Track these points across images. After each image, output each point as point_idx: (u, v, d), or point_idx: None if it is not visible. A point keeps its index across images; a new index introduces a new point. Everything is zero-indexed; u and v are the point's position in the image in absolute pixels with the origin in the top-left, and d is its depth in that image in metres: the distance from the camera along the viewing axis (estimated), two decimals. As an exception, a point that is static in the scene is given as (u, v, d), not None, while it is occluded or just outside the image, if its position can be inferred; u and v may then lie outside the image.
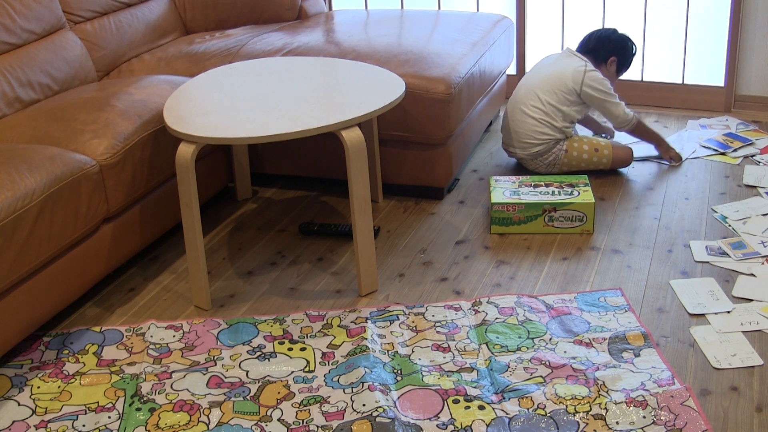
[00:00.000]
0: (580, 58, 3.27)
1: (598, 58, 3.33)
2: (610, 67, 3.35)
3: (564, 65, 3.26)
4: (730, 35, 3.81)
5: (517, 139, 3.28)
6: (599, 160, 3.27)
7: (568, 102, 3.21)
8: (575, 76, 3.20)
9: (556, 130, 3.22)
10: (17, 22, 2.96)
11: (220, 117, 2.51)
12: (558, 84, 3.21)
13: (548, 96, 3.20)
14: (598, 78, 3.21)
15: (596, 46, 3.34)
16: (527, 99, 3.24)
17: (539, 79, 3.26)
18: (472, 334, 2.35)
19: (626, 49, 3.37)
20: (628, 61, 3.40)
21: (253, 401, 2.12)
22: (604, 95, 3.21)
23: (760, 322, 2.34)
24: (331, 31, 3.58)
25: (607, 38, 3.35)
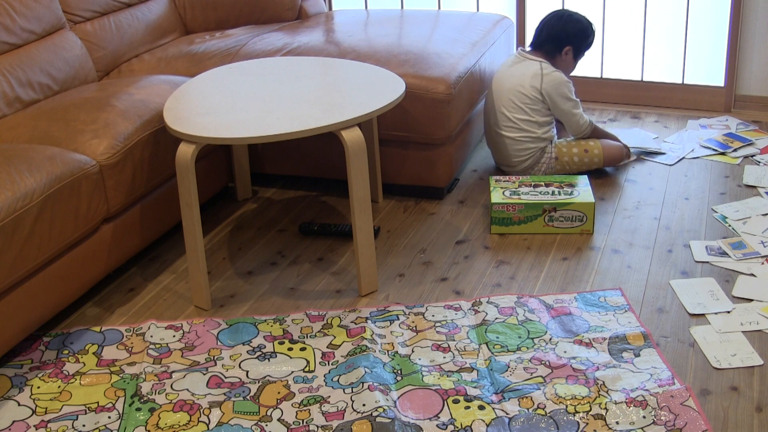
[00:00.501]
0: (533, 60, 3.20)
1: (552, 50, 3.23)
2: (566, 57, 3.25)
3: (520, 73, 3.19)
4: (730, 35, 3.81)
5: (504, 159, 3.28)
6: (591, 161, 3.26)
7: (535, 111, 3.17)
8: (533, 83, 3.15)
9: (537, 140, 3.20)
10: (17, 22, 2.96)
11: (220, 117, 2.51)
12: (519, 97, 3.16)
13: (516, 113, 3.17)
14: (556, 79, 3.15)
15: (548, 36, 3.23)
16: (499, 121, 3.21)
17: (503, 95, 3.20)
18: (472, 334, 2.35)
19: (581, 34, 3.24)
20: (585, 46, 3.29)
21: (253, 401, 2.12)
22: (563, 100, 3.17)
23: (760, 322, 2.34)
24: (331, 31, 3.58)
25: (559, 26, 3.21)
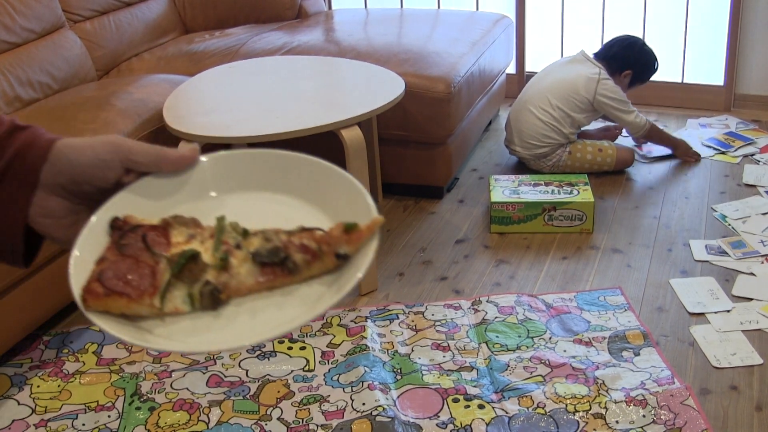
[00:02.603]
0: (594, 65, 3.25)
1: (614, 67, 3.29)
2: (623, 79, 3.32)
3: (577, 71, 3.24)
4: (730, 34, 3.81)
5: (520, 138, 3.28)
6: (603, 161, 3.27)
7: (578, 109, 3.20)
8: (588, 84, 3.19)
9: (562, 135, 3.21)
10: (17, 21, 2.96)
11: (219, 116, 2.51)
12: (570, 90, 3.20)
13: (559, 101, 3.19)
14: (612, 87, 3.20)
15: (616, 54, 3.30)
16: (537, 101, 3.23)
17: (551, 82, 3.25)
18: (472, 333, 2.35)
19: (645, 66, 3.34)
20: (644, 77, 3.38)
21: (252, 400, 2.12)
22: (618, 104, 3.21)
23: (759, 321, 2.34)
24: (330, 30, 3.58)
25: (631, 51, 3.31)
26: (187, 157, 0.79)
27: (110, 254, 0.73)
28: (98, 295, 0.70)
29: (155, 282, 0.71)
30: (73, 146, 0.74)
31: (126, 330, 0.70)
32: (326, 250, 0.74)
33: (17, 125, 0.75)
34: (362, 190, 0.77)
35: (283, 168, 0.83)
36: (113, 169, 0.75)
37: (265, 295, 0.74)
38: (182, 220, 0.77)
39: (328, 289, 0.74)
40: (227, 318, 0.72)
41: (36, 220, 0.75)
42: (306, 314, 0.71)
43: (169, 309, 0.72)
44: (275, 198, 0.82)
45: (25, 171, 0.73)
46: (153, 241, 0.74)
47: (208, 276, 0.72)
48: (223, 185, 0.83)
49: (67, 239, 0.76)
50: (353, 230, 0.74)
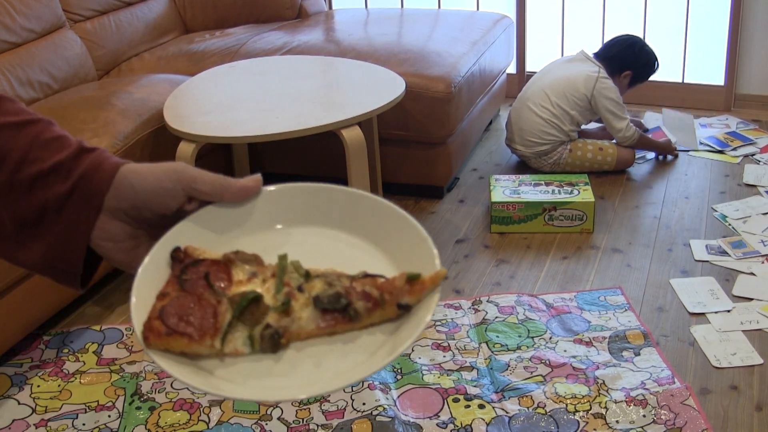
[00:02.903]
0: (594, 63, 3.25)
1: (614, 67, 3.29)
2: (623, 80, 3.32)
3: (577, 69, 3.25)
4: (730, 34, 3.80)
5: (521, 136, 3.28)
6: (603, 160, 3.27)
7: (577, 107, 3.20)
8: (587, 81, 3.19)
9: (563, 132, 3.22)
10: (17, 21, 2.96)
11: (220, 116, 2.51)
12: (569, 88, 3.20)
13: (558, 98, 3.20)
14: (610, 87, 3.20)
15: (616, 54, 3.30)
16: (537, 98, 3.24)
17: (551, 80, 3.26)
18: (472, 333, 2.35)
19: (645, 66, 3.34)
20: (644, 77, 3.38)
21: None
22: (614, 105, 3.20)
23: (760, 321, 2.33)
24: (331, 29, 3.58)
25: (630, 51, 3.31)
26: (250, 188, 0.79)
27: (171, 289, 0.73)
28: (160, 334, 0.70)
29: (217, 323, 0.72)
30: (137, 172, 0.75)
31: (187, 371, 0.70)
32: (388, 299, 0.73)
33: (84, 147, 0.76)
34: (427, 238, 0.77)
35: (350, 206, 0.82)
36: (175, 198, 0.76)
37: (326, 340, 0.74)
38: (244, 256, 0.76)
39: (389, 337, 0.73)
40: (289, 362, 0.72)
41: (97, 243, 0.76)
42: (369, 365, 0.70)
43: (229, 350, 0.72)
44: (339, 236, 0.81)
45: (90, 195, 0.74)
46: (215, 278, 0.74)
47: (269, 319, 0.72)
48: (287, 218, 0.82)
49: (126, 262, 0.77)
50: (416, 281, 0.74)
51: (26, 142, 0.74)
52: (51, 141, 0.76)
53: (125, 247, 0.77)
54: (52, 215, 0.74)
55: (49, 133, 0.76)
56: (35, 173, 0.74)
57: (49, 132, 0.76)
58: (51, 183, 0.74)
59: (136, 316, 0.72)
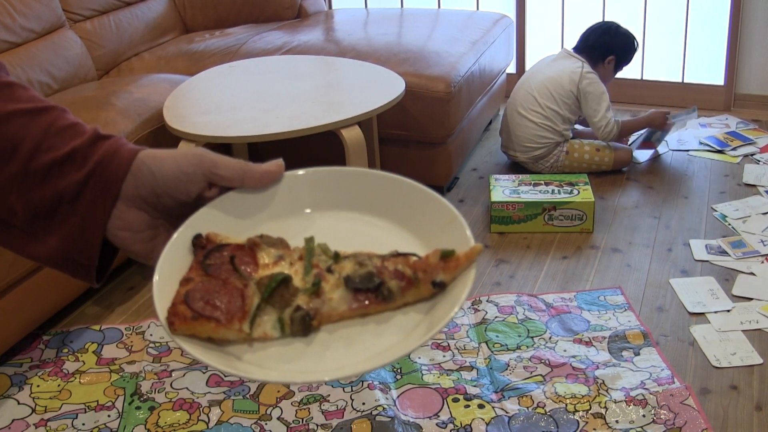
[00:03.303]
0: (577, 59, 3.25)
1: (596, 56, 3.29)
2: (607, 66, 3.32)
3: (561, 67, 3.24)
4: (730, 34, 3.81)
5: (517, 142, 3.28)
6: (601, 160, 3.27)
7: (566, 105, 3.20)
8: (572, 77, 3.19)
9: (556, 133, 3.22)
10: (17, 21, 2.96)
11: (219, 116, 2.51)
12: (555, 87, 3.20)
13: (546, 100, 3.20)
14: (595, 81, 3.19)
15: (594, 43, 3.30)
16: (526, 103, 3.23)
17: (537, 82, 3.25)
18: (472, 333, 2.35)
19: (626, 47, 3.33)
20: (627, 59, 3.37)
21: (252, 400, 2.12)
22: (594, 101, 3.18)
23: (759, 321, 2.33)
24: (330, 29, 3.58)
25: (607, 36, 3.30)
26: (272, 172, 0.77)
27: (195, 274, 0.70)
28: (185, 319, 0.67)
29: (244, 306, 0.69)
30: (155, 157, 0.73)
31: (214, 356, 0.67)
32: (422, 278, 0.71)
33: (100, 134, 0.74)
34: (458, 216, 0.74)
35: (375, 188, 0.79)
36: (196, 183, 0.73)
37: (358, 321, 0.71)
38: (269, 240, 0.74)
39: (425, 317, 0.70)
40: (321, 345, 0.69)
41: (114, 233, 0.73)
42: (404, 345, 0.67)
43: (258, 334, 0.69)
44: (366, 219, 0.78)
45: (107, 182, 0.71)
46: (240, 262, 0.72)
47: (299, 301, 0.70)
48: (311, 203, 0.79)
49: (145, 253, 0.75)
50: (451, 258, 0.71)
51: (40, 130, 0.72)
52: (66, 128, 0.73)
53: (144, 237, 0.74)
54: (67, 205, 0.72)
55: (63, 121, 0.74)
56: (50, 161, 0.71)
57: (63, 119, 0.74)
58: (66, 171, 0.71)
59: (159, 301, 0.69)
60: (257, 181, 0.76)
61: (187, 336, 0.68)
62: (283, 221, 0.77)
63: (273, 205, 0.78)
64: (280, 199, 0.78)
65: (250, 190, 0.77)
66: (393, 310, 0.71)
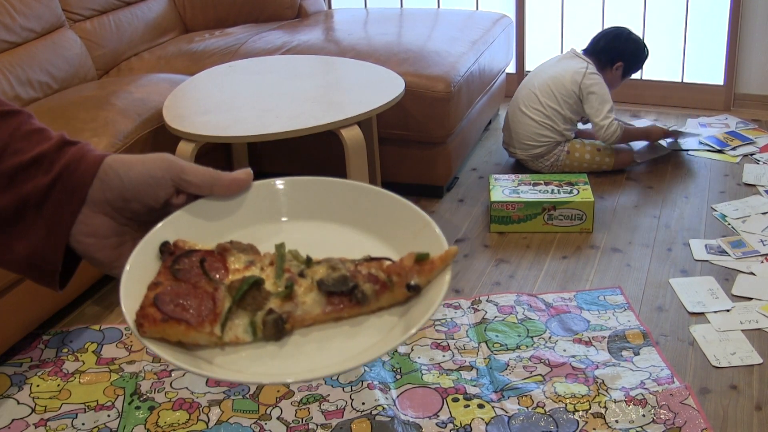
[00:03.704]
0: (582, 59, 3.25)
1: (604, 61, 3.28)
2: (615, 72, 3.30)
3: (565, 67, 3.24)
4: (730, 33, 3.81)
5: (517, 140, 3.28)
6: (602, 160, 3.27)
7: (567, 104, 3.20)
8: (574, 77, 3.18)
9: (557, 132, 3.22)
10: (17, 21, 2.96)
11: (219, 116, 2.51)
12: (557, 86, 3.20)
13: (547, 98, 3.20)
14: (598, 82, 3.18)
15: (604, 48, 3.29)
16: (528, 101, 3.24)
17: (541, 80, 3.25)
18: (472, 333, 2.35)
19: (635, 55, 3.32)
20: (635, 67, 3.36)
21: (252, 400, 2.12)
22: (596, 101, 3.17)
23: (759, 321, 2.33)
24: (330, 29, 3.58)
25: (617, 42, 3.29)
26: (241, 180, 0.76)
27: (164, 279, 0.69)
28: (155, 321, 0.66)
29: (216, 309, 0.67)
30: (123, 162, 0.72)
31: (184, 358, 0.66)
32: (396, 281, 0.70)
33: (66, 140, 0.73)
34: (430, 222, 0.74)
35: (345, 197, 0.78)
36: (164, 188, 0.72)
37: (332, 325, 0.70)
38: (239, 246, 0.73)
39: (399, 319, 0.69)
40: (294, 346, 0.68)
41: (79, 239, 0.72)
42: (380, 346, 0.66)
43: (230, 338, 0.67)
44: (336, 228, 0.78)
45: (73, 186, 0.70)
46: (211, 267, 0.70)
47: (271, 304, 0.69)
48: (281, 212, 0.78)
49: (109, 261, 0.73)
50: (425, 261, 0.70)
51: (5, 134, 0.71)
52: (32, 133, 0.72)
53: (109, 244, 0.73)
54: (32, 210, 0.70)
55: (29, 126, 0.73)
56: (15, 166, 0.70)
57: (29, 124, 0.73)
58: (32, 175, 0.70)
59: (126, 304, 0.67)
60: (226, 189, 0.75)
61: (157, 339, 0.66)
62: (253, 230, 0.76)
63: (242, 213, 0.77)
64: (249, 207, 0.77)
65: (219, 198, 0.76)
66: (367, 314, 0.70)
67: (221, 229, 0.75)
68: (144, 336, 0.66)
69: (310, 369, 0.66)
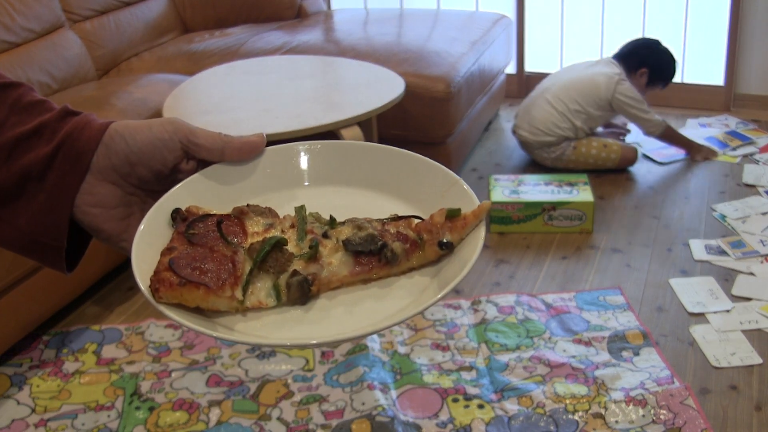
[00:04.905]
0: (615, 66, 3.28)
1: (630, 65, 3.32)
2: (639, 78, 3.33)
3: (598, 71, 3.27)
4: (730, 34, 3.81)
5: (531, 123, 3.28)
6: (608, 156, 3.27)
7: (596, 106, 3.23)
8: (608, 83, 3.21)
9: (573, 129, 3.23)
10: (16, 21, 2.96)
11: (219, 116, 2.51)
12: (591, 87, 3.22)
13: (578, 95, 3.22)
14: (629, 88, 3.22)
15: (631, 52, 3.34)
16: (556, 91, 3.26)
17: (573, 77, 3.29)
18: (472, 333, 2.35)
19: (660, 64, 3.35)
20: (660, 76, 3.38)
21: (252, 400, 2.12)
22: (635, 102, 3.22)
23: (759, 321, 2.33)
24: (330, 29, 3.58)
25: (646, 49, 3.34)
26: (253, 143, 0.71)
27: (179, 244, 0.64)
28: (172, 285, 0.61)
29: (236, 272, 0.63)
30: (129, 126, 0.68)
31: (204, 323, 0.61)
32: (427, 239, 0.65)
33: (69, 110, 0.70)
34: (458, 180, 0.70)
35: (371, 161, 0.73)
36: (172, 151, 0.69)
37: (360, 287, 0.65)
38: (257, 209, 0.68)
39: (432, 280, 0.65)
40: (320, 310, 0.63)
41: (84, 210, 0.68)
42: (412, 307, 0.62)
43: (252, 303, 0.63)
44: (359, 192, 0.73)
45: (77, 153, 0.66)
46: (228, 230, 0.65)
47: (295, 266, 0.64)
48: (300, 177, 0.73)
49: (117, 233, 0.69)
50: (457, 217, 0.66)
51: (6, 106, 0.68)
52: (33, 104, 0.69)
53: (116, 214, 0.69)
54: (34, 182, 0.67)
55: (30, 97, 0.70)
56: (16, 137, 0.67)
57: (30, 96, 0.70)
58: (33, 145, 0.67)
59: (138, 270, 0.63)
60: (237, 153, 0.71)
61: (173, 305, 0.62)
62: (269, 196, 0.72)
63: (258, 179, 0.72)
64: (265, 173, 0.72)
65: (231, 163, 0.71)
66: (397, 275, 0.66)
67: (236, 196, 0.71)
68: (160, 302, 0.61)
69: (339, 332, 0.62)
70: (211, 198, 0.70)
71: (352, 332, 0.60)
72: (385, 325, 0.60)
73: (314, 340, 0.60)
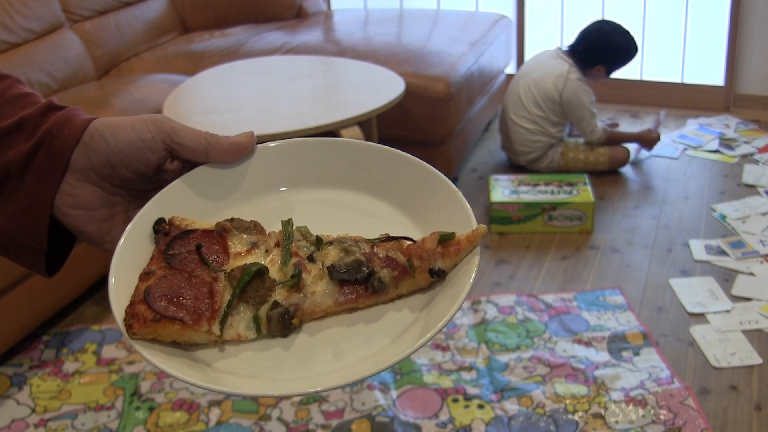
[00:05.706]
0: (565, 61, 3.22)
1: (584, 62, 3.25)
2: (597, 73, 3.28)
3: (546, 70, 3.21)
4: (730, 34, 3.81)
5: (512, 147, 3.31)
6: (596, 160, 3.27)
7: (551, 110, 3.20)
8: (556, 83, 3.17)
9: (548, 135, 3.23)
10: (16, 21, 2.96)
11: (219, 116, 2.51)
12: (540, 92, 3.19)
13: (533, 106, 3.20)
14: (577, 88, 3.16)
15: (585, 49, 3.24)
16: (516, 108, 3.25)
17: (524, 85, 3.24)
18: (472, 333, 2.35)
19: (616, 55, 3.26)
20: (619, 62, 3.31)
21: (252, 400, 2.12)
22: (579, 108, 3.17)
23: (759, 321, 2.33)
24: (330, 30, 3.58)
25: (597, 43, 3.22)
26: (241, 144, 0.67)
27: (157, 267, 0.62)
28: (146, 321, 0.58)
29: (214, 304, 0.59)
30: (110, 124, 0.65)
31: (181, 365, 0.58)
32: (418, 266, 0.62)
33: (54, 105, 0.67)
34: (457, 191, 0.65)
35: (362, 161, 0.69)
36: (155, 151, 0.65)
37: (344, 321, 0.62)
38: (241, 224, 0.65)
39: (420, 314, 0.61)
40: (301, 351, 0.60)
41: (65, 212, 0.64)
42: (398, 350, 0.58)
43: (231, 336, 0.60)
44: (351, 197, 0.69)
45: (55, 152, 0.63)
46: (208, 251, 0.62)
47: (277, 296, 0.61)
48: (288, 179, 0.69)
49: (99, 236, 0.66)
50: (451, 241, 0.62)
51: None
52: (17, 98, 0.66)
53: (98, 216, 0.66)
54: (15, 180, 0.64)
55: (15, 90, 0.67)
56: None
57: (15, 89, 0.67)
58: (14, 141, 0.64)
59: (115, 300, 0.59)
60: (224, 154, 0.67)
61: (149, 340, 0.59)
62: (257, 201, 0.68)
63: (245, 182, 0.68)
64: (252, 175, 0.69)
65: (218, 165, 0.67)
66: (385, 303, 0.63)
67: (222, 202, 0.67)
68: (134, 337, 0.58)
69: (318, 376, 0.59)
70: (196, 204, 0.67)
71: (329, 383, 0.57)
72: (364, 376, 0.57)
73: (289, 391, 0.57)
